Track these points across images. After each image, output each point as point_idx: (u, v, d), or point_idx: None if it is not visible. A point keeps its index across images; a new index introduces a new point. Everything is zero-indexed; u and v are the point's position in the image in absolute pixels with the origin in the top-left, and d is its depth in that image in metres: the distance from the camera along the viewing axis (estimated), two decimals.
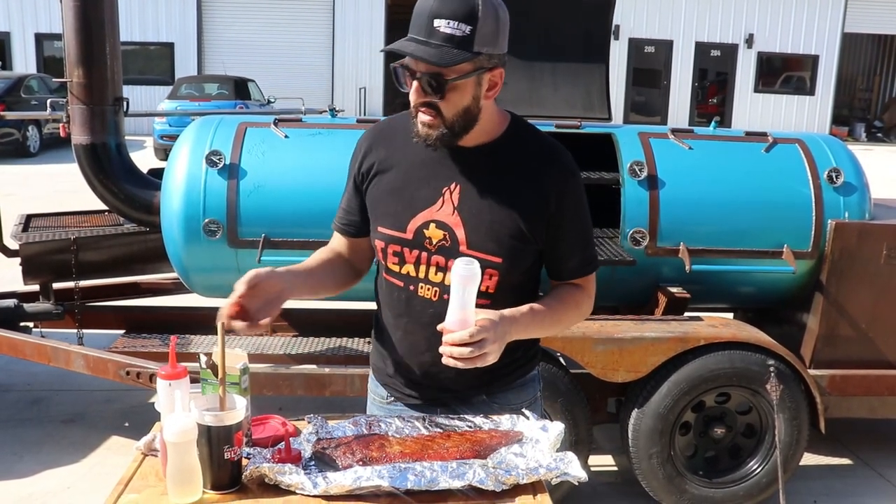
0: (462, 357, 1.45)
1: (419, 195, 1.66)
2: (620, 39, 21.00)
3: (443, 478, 1.38)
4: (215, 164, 3.41)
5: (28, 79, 15.53)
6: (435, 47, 1.50)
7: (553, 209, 1.64)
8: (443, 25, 1.49)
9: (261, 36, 20.42)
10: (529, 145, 1.68)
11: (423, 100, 1.55)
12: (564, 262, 1.72)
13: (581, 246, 1.72)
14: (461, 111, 1.57)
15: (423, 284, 1.67)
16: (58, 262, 4.05)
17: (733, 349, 3.29)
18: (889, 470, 3.93)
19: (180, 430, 1.33)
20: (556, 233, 1.67)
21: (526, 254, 1.67)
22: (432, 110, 1.56)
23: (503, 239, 1.63)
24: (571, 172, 1.68)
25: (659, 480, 3.35)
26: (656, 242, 3.48)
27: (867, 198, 3.62)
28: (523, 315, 1.60)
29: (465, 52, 1.51)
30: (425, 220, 1.65)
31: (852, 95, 26.58)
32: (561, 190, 1.65)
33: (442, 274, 1.64)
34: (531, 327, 1.63)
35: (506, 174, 1.65)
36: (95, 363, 3.55)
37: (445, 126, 1.57)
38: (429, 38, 1.50)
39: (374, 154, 1.72)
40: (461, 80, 1.53)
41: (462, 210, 1.63)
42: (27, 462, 3.76)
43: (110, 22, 3.96)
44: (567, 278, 1.73)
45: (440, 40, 1.50)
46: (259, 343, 4.08)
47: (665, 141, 3.65)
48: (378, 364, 1.86)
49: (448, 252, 1.63)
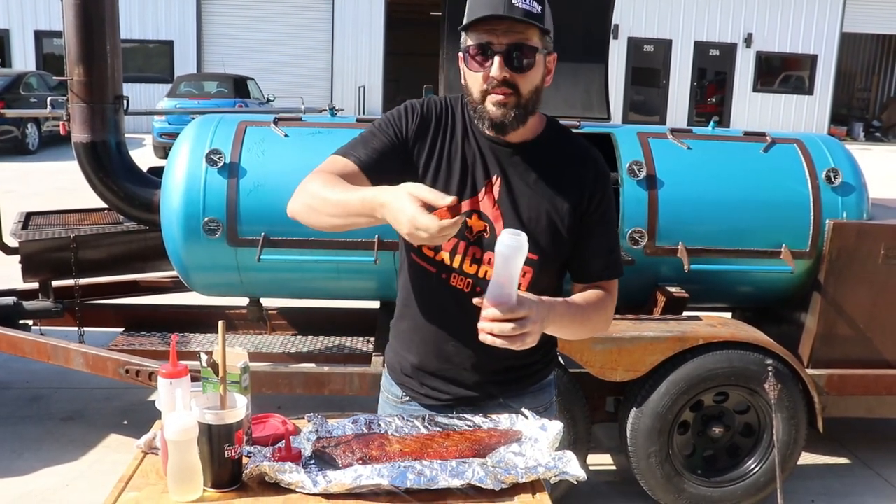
0: (503, 334, 1.38)
1: (463, 183, 1.64)
2: (619, 39, 21.00)
3: (442, 476, 1.38)
4: (215, 163, 3.42)
5: (27, 76, 15.51)
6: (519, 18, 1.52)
7: (585, 208, 1.66)
8: (520, 1, 1.51)
9: (260, 34, 20.41)
10: (567, 145, 1.70)
11: (505, 74, 1.54)
12: (591, 263, 1.71)
13: (608, 248, 1.72)
14: (534, 90, 1.59)
15: (456, 274, 1.65)
16: (57, 260, 4.06)
17: (732, 349, 3.30)
18: (887, 469, 3.94)
19: (181, 429, 1.34)
20: (586, 232, 1.68)
21: (559, 253, 1.68)
22: (508, 88, 1.56)
23: (540, 236, 1.63)
24: (605, 175, 1.71)
25: (657, 479, 3.36)
26: (655, 242, 3.49)
27: (865, 198, 3.63)
28: (559, 304, 1.56)
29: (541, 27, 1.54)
30: (469, 209, 1.63)
31: (851, 95, 26.60)
32: (595, 191, 1.67)
33: (476, 266, 1.64)
34: (565, 320, 1.59)
35: (546, 172, 1.66)
36: (95, 361, 3.56)
37: (520, 105, 1.58)
38: (509, 13, 1.51)
39: (426, 125, 1.68)
40: (538, 56, 1.56)
41: (502, 204, 1.64)
42: (27, 459, 3.76)
43: (111, 20, 3.96)
44: (592, 280, 1.72)
45: (519, 15, 1.52)
46: (258, 341, 4.10)
47: (664, 141, 3.65)
48: (393, 363, 1.83)
49: (486, 244, 1.64)
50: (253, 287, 3.66)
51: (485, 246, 1.64)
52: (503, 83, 1.55)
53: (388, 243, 3.34)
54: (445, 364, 1.71)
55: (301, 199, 1.58)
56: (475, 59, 1.57)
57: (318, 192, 1.53)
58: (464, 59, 1.61)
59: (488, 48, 1.55)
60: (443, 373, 1.73)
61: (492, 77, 1.55)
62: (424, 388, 1.75)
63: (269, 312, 4.20)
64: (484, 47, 1.55)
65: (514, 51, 1.54)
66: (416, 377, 1.76)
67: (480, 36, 1.55)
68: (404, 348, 1.78)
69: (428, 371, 1.74)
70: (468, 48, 1.58)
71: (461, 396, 1.73)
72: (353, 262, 3.44)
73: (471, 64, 1.58)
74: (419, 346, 1.74)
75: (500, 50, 1.54)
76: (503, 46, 1.54)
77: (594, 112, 4.00)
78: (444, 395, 1.73)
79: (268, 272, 3.52)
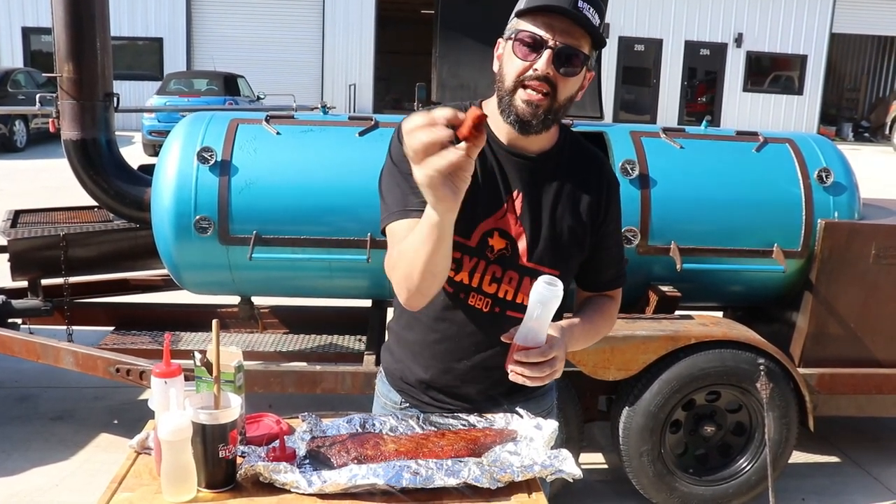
0: (535, 376, 1.44)
1: (483, 200, 1.56)
2: (610, 38, 21.01)
3: (438, 476, 1.38)
4: (207, 161, 3.39)
5: (15, 73, 15.41)
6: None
7: (602, 219, 1.64)
8: (585, 7, 1.45)
9: (250, 32, 20.34)
10: (583, 154, 1.67)
11: (549, 71, 1.46)
12: (603, 273, 1.72)
13: (619, 257, 1.72)
14: (569, 98, 1.52)
15: (476, 294, 1.60)
16: (47, 259, 4.03)
17: (724, 348, 3.31)
18: (876, 468, 3.96)
19: (175, 429, 1.33)
20: (600, 242, 1.66)
21: (577, 264, 1.67)
22: (547, 85, 1.48)
23: (561, 251, 1.61)
24: (617, 182, 1.69)
25: (649, 478, 3.37)
26: (647, 241, 3.49)
27: (857, 197, 3.64)
28: (575, 327, 1.60)
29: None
30: (490, 228, 1.57)
31: (840, 95, 26.73)
32: (609, 200, 1.65)
33: (496, 285, 1.59)
34: (581, 340, 1.63)
35: (566, 184, 1.62)
36: (85, 360, 3.53)
37: (552, 109, 1.50)
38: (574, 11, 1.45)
39: None
40: (584, 67, 1.50)
41: (524, 220, 1.59)
42: (15, 459, 3.73)
43: (100, 16, 3.93)
44: (603, 289, 1.72)
45: (583, 21, 1.46)
46: (250, 340, 4.08)
47: (656, 140, 3.66)
48: (394, 371, 1.77)
49: (506, 262, 1.59)
50: (244, 285, 3.65)
51: (505, 264, 1.59)
52: (543, 79, 1.47)
53: (381, 242, 3.32)
54: (455, 381, 1.68)
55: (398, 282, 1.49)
56: (524, 46, 1.47)
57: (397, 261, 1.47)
58: (510, 43, 1.50)
59: (543, 42, 1.46)
60: (450, 389, 1.69)
61: (535, 69, 1.47)
62: (428, 398, 1.72)
63: (261, 311, 4.19)
64: (538, 39, 1.46)
65: (567, 52, 1.47)
66: (419, 388, 1.72)
67: (538, 26, 1.46)
68: (410, 359, 1.72)
69: (435, 387, 1.70)
70: (520, 32, 1.48)
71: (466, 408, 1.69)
72: (345, 260, 3.43)
73: (517, 49, 1.48)
74: (428, 361, 1.69)
75: (553, 46, 1.46)
76: (558, 44, 1.46)
77: (587, 111, 3.99)
78: (448, 406, 1.70)
79: (259, 270, 3.51)
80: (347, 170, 3.39)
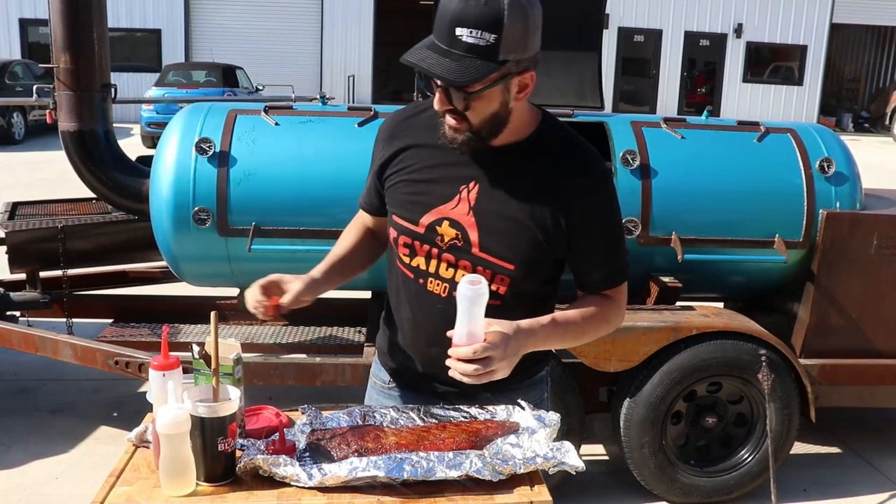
0: (466, 373, 1.42)
1: (435, 190, 1.59)
2: (610, 28, 20.97)
3: (439, 468, 1.36)
4: (205, 152, 3.37)
5: (12, 65, 15.36)
6: (456, 59, 1.40)
7: (575, 221, 1.56)
8: (465, 34, 1.39)
9: (249, 23, 20.27)
10: (557, 149, 1.59)
11: (446, 108, 1.49)
12: (589, 275, 1.65)
13: (608, 258, 1.64)
14: (488, 117, 1.50)
15: (433, 279, 1.61)
16: (45, 251, 4.01)
17: (725, 339, 3.30)
18: (878, 458, 3.95)
19: (173, 422, 1.31)
20: (579, 245, 1.59)
21: (542, 263, 1.60)
22: (458, 116, 1.49)
23: (518, 246, 1.56)
24: (601, 181, 1.59)
25: (650, 469, 3.36)
26: (648, 232, 3.48)
27: (858, 188, 3.63)
28: (543, 327, 1.54)
29: (489, 62, 1.41)
30: (438, 217, 1.58)
31: (840, 86, 26.68)
32: (586, 201, 1.56)
33: (453, 270, 1.59)
34: (551, 339, 1.58)
35: (527, 178, 1.57)
36: (83, 353, 3.52)
37: (472, 131, 1.51)
38: (450, 47, 1.41)
39: (397, 141, 1.66)
40: (487, 90, 1.45)
41: (478, 211, 1.56)
42: (14, 452, 3.73)
43: (98, 7, 3.90)
44: (595, 289, 1.66)
45: (462, 50, 1.40)
46: (249, 332, 4.06)
47: (657, 130, 3.63)
48: (383, 348, 1.83)
49: (459, 252, 1.58)
50: (243, 277, 3.62)
51: (458, 254, 1.58)
52: (450, 112, 1.49)
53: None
54: (431, 369, 1.68)
55: None
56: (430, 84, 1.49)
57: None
58: None
59: (434, 82, 1.47)
60: (428, 371, 1.71)
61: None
62: (411, 377, 1.76)
63: None
64: (429, 79, 1.46)
65: (454, 91, 1.44)
66: (402, 367, 1.77)
67: None
68: (391, 343, 1.79)
69: (413, 371, 1.73)
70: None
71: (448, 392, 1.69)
72: None
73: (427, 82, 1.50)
74: (407, 346, 1.73)
75: (437, 84, 1.46)
76: (439, 82, 1.45)
77: (587, 101, 3.97)
78: (429, 386, 1.72)
79: (259, 262, 3.48)
80: (347, 160, 3.36)
